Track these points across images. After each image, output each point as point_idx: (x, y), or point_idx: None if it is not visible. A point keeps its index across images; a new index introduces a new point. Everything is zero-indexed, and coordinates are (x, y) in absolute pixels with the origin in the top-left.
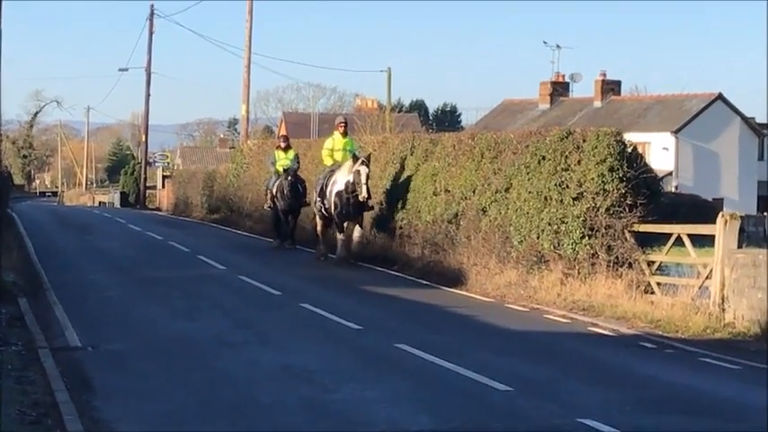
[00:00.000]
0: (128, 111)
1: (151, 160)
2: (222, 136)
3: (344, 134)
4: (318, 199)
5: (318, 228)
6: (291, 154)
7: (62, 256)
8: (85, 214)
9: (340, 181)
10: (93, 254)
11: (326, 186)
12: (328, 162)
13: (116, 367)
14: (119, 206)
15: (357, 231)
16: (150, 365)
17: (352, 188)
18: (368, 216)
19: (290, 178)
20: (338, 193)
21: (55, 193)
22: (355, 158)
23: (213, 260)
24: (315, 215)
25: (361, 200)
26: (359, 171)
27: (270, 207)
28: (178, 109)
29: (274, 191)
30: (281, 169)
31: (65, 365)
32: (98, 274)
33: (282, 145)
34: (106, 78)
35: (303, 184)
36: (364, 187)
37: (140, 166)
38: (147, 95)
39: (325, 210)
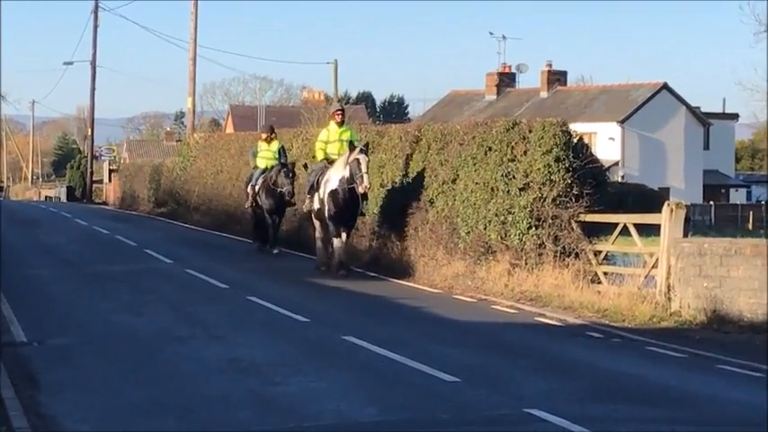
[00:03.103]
0: (73, 104)
1: (97, 154)
2: (169, 129)
3: (341, 123)
4: (308, 197)
5: (317, 233)
6: (275, 146)
7: (8, 252)
8: (31, 209)
9: (334, 179)
10: (40, 249)
11: (318, 185)
12: (320, 156)
13: (62, 362)
14: (65, 200)
15: (342, 240)
16: (97, 360)
17: (348, 182)
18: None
19: (285, 171)
20: (332, 193)
21: (0, 188)
22: (352, 147)
23: (160, 254)
24: (310, 218)
25: (362, 191)
26: (358, 160)
27: (251, 206)
28: (124, 102)
29: (258, 188)
30: (261, 162)
31: (10, 361)
32: (44, 269)
33: (264, 136)
34: (51, 72)
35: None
36: (365, 177)
37: (86, 160)
38: (93, 89)
39: (315, 210)
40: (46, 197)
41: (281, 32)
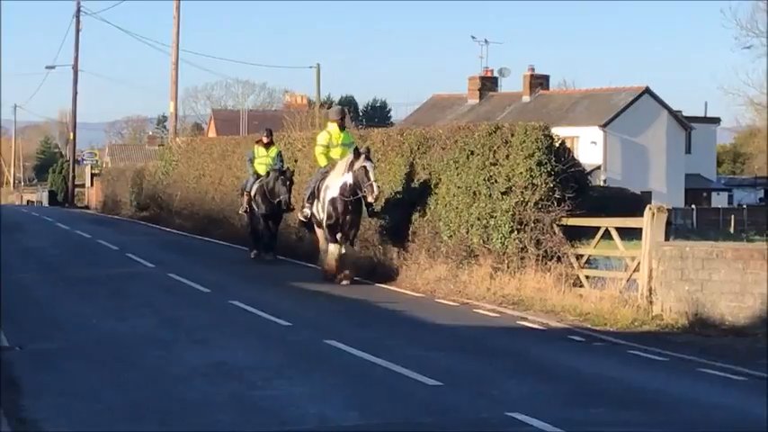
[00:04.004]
0: (55, 109)
1: (79, 158)
2: (151, 133)
3: (342, 127)
4: (308, 205)
5: (320, 241)
6: (274, 151)
7: None
8: (13, 213)
9: (334, 185)
10: (21, 253)
11: (318, 192)
12: (323, 162)
13: (44, 367)
14: (47, 205)
15: (346, 249)
16: (79, 365)
17: (350, 191)
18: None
19: (282, 179)
20: (332, 201)
21: None
22: (357, 153)
23: (142, 258)
24: (309, 225)
25: (372, 200)
26: (365, 168)
27: (246, 212)
28: (107, 106)
29: (253, 193)
30: (260, 168)
31: None
32: (26, 274)
33: (265, 140)
34: (33, 76)
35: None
36: (375, 185)
37: (69, 165)
38: (75, 93)
39: (316, 219)
40: (28, 201)
41: (263, 36)
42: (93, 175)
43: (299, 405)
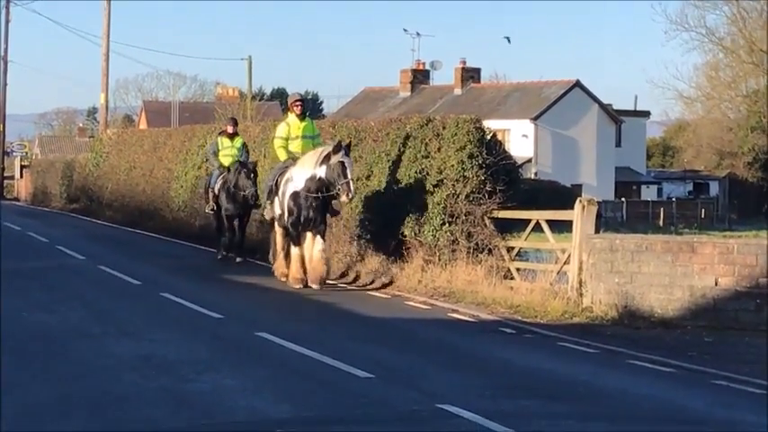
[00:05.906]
0: None
1: (9, 150)
2: (81, 125)
3: (302, 116)
4: (268, 203)
5: (278, 241)
6: (239, 142)
7: None
8: None
9: (298, 178)
10: None
11: (278, 187)
12: (283, 156)
13: None
14: None
15: (319, 245)
16: (7, 359)
17: (317, 186)
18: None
19: (245, 171)
20: (294, 195)
21: None
22: (338, 146)
23: (72, 250)
24: (271, 224)
25: (346, 199)
26: (343, 163)
27: (212, 210)
28: (36, 98)
29: (217, 189)
30: (225, 160)
31: None
32: None
33: (230, 130)
34: None
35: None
36: (352, 183)
37: None
38: (5, 84)
39: (277, 217)
40: None
41: (194, 28)
42: (22, 167)
43: (230, 398)
